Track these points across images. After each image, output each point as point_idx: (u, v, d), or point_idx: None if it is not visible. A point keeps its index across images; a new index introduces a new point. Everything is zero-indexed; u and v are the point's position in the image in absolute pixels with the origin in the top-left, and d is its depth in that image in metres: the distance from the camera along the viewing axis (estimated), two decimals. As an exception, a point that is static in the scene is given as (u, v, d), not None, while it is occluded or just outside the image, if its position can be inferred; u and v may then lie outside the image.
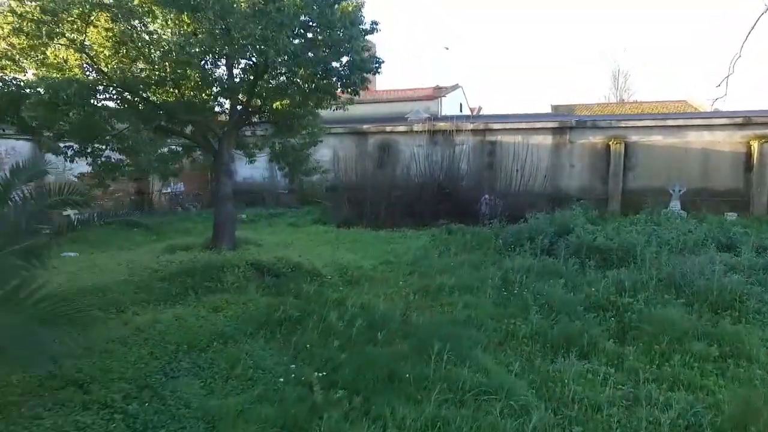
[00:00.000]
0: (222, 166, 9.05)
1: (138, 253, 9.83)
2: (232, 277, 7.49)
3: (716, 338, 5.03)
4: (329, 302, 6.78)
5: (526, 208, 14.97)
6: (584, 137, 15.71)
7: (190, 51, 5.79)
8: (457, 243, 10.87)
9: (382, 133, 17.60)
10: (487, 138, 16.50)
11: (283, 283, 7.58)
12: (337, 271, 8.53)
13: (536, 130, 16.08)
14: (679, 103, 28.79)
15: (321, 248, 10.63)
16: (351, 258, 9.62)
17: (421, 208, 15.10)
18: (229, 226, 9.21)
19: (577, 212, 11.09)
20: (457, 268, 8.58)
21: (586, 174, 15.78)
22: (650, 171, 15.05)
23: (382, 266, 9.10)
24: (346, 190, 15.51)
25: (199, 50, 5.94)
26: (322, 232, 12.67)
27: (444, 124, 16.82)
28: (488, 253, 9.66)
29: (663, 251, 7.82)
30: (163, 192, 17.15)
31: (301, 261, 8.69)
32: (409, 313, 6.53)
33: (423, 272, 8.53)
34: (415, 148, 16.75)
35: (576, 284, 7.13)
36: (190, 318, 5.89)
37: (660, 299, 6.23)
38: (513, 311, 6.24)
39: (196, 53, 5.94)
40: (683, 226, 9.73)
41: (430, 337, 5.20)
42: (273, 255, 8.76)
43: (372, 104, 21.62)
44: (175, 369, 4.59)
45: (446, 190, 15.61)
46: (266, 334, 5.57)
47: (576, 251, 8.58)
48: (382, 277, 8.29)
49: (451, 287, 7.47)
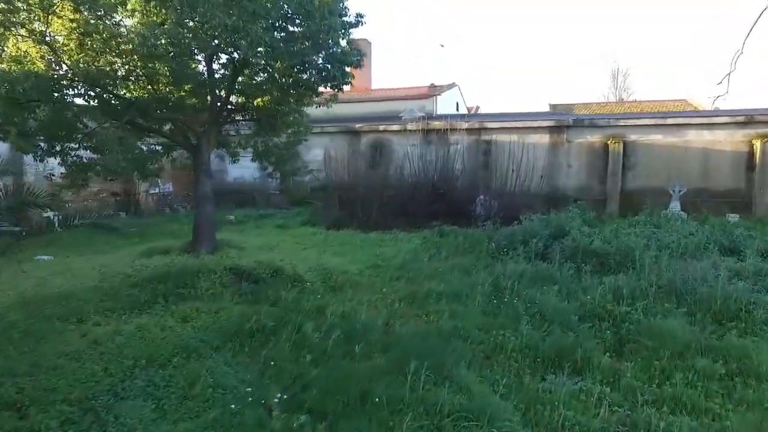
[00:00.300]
0: (201, 166, 8.64)
1: (115, 257, 9.42)
2: (207, 284, 7.07)
3: (722, 353, 4.62)
4: (307, 311, 6.38)
5: (522, 208, 14.56)
6: (582, 136, 15.30)
7: (155, 43, 5.38)
8: (449, 246, 10.46)
9: (375, 132, 17.19)
10: (482, 137, 16.08)
11: (262, 289, 7.17)
12: (320, 276, 8.12)
13: (533, 129, 15.67)
14: (679, 103, 28.38)
15: (307, 251, 10.22)
16: (337, 262, 9.21)
17: (415, 209, 14.70)
18: (208, 229, 8.80)
19: (573, 214, 10.68)
20: (447, 273, 8.18)
21: (584, 174, 15.38)
22: (649, 171, 14.64)
23: (369, 271, 8.68)
24: (337, 191, 15.10)
25: (165, 42, 5.53)
26: (310, 234, 12.26)
27: (438, 123, 16.41)
28: (480, 257, 9.25)
29: (663, 255, 7.41)
30: (150, 192, 16.73)
31: (282, 265, 8.28)
32: (392, 322, 6.12)
33: (411, 277, 8.12)
34: (409, 148, 16.34)
35: (571, 291, 6.72)
36: (155, 329, 5.48)
37: (660, 308, 5.82)
38: (503, 321, 5.82)
39: (162, 45, 5.53)
40: (684, 229, 9.32)
41: (411, 351, 4.80)
42: (254, 259, 8.35)
43: (366, 103, 21.22)
44: (127, 388, 4.18)
45: (440, 190, 15.21)
46: (235, 347, 5.16)
47: (572, 255, 8.17)
48: (368, 283, 7.88)
49: (438, 294, 7.07)
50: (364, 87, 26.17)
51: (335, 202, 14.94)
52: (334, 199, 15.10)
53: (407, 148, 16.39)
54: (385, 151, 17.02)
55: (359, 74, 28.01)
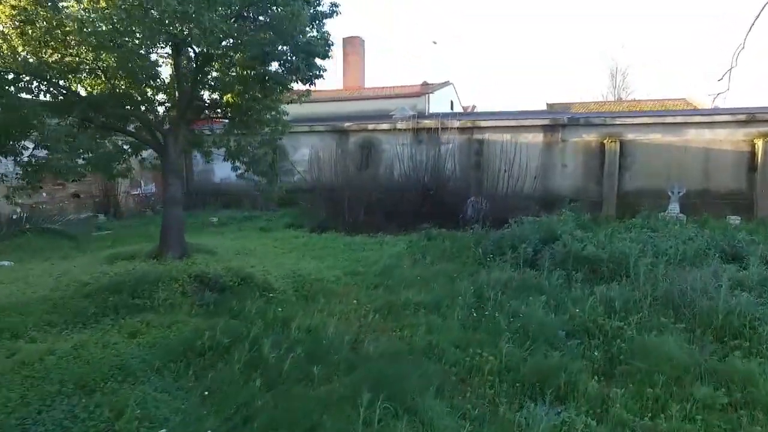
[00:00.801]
0: (168, 166, 8.09)
1: (81, 262, 8.86)
2: (166, 293, 6.53)
3: (724, 379, 4.08)
4: (271, 324, 5.85)
5: (515, 210, 14.02)
6: (577, 135, 14.76)
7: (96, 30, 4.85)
8: (435, 250, 9.92)
9: (364, 132, 16.64)
10: (474, 136, 15.54)
11: (225, 299, 6.64)
12: (292, 284, 7.59)
13: (526, 127, 15.12)
14: (678, 102, 27.83)
15: (285, 256, 9.68)
16: (314, 268, 8.67)
17: (404, 211, 14.15)
18: (177, 233, 8.26)
19: (566, 217, 10.14)
20: (430, 281, 7.64)
21: (580, 174, 14.83)
22: (647, 171, 14.10)
23: (347, 277, 8.14)
24: (324, 192, 14.56)
25: (107, 29, 5.00)
26: (292, 237, 11.72)
27: (429, 121, 15.86)
28: (467, 263, 8.71)
29: (660, 263, 6.87)
30: (132, 193, 16.18)
31: (253, 272, 7.75)
32: (362, 337, 5.59)
33: (390, 285, 7.59)
34: (399, 147, 15.80)
35: (559, 302, 6.19)
36: (95, 347, 4.94)
37: (655, 323, 5.28)
38: (482, 337, 5.28)
39: (103, 33, 5.00)
40: (683, 233, 8.78)
41: (375, 375, 4.27)
42: (224, 265, 7.82)
43: (357, 102, 20.68)
44: (41, 421, 3.64)
45: (430, 191, 14.68)
46: (179, 368, 4.61)
47: (562, 262, 7.64)
48: (343, 291, 7.34)
49: (417, 304, 6.53)
50: (357, 86, 25.66)
51: (321, 203, 14.41)
52: (321, 201, 14.57)
53: (397, 147, 15.86)
54: (374, 151, 16.48)
55: (353, 73, 27.61)
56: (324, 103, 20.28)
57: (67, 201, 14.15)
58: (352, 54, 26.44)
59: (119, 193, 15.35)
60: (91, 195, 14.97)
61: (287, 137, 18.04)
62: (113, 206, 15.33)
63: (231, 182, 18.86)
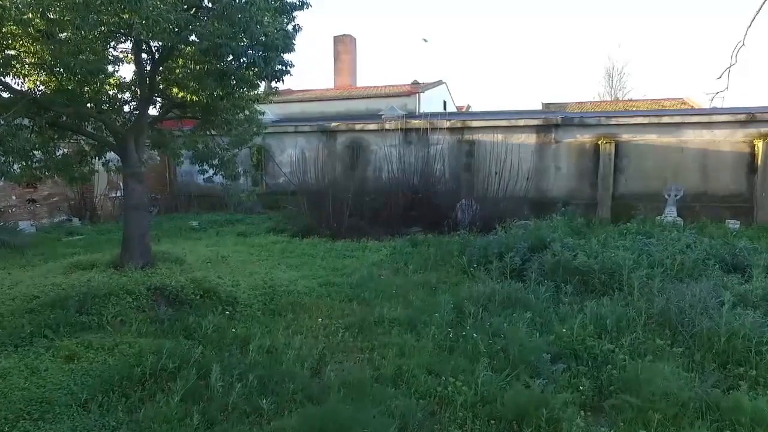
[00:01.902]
0: (129, 169, 7.53)
1: (40, 272, 8.28)
2: (117, 309, 5.98)
3: (728, 417, 3.55)
4: (228, 344, 5.31)
5: (507, 214, 13.54)
6: (571, 136, 14.24)
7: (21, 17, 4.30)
8: (418, 258, 9.39)
9: (352, 132, 16.09)
10: (465, 137, 15.00)
11: (183, 315, 6.08)
12: (261, 297, 7.03)
13: (518, 128, 14.60)
14: (676, 102, 27.40)
15: (259, 264, 9.13)
16: (288, 277, 8.12)
17: (391, 215, 13.63)
18: (139, 241, 7.69)
19: (557, 222, 9.61)
20: (409, 293, 7.11)
21: (574, 176, 14.32)
22: (643, 173, 13.59)
23: (321, 289, 7.59)
24: (307, 195, 13.99)
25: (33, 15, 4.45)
26: (270, 243, 11.16)
27: (418, 121, 15.33)
28: (450, 273, 8.18)
29: (655, 275, 6.33)
30: (111, 196, 15.59)
31: (220, 283, 7.20)
32: (327, 359, 5.05)
33: (366, 298, 7.04)
34: (387, 149, 15.27)
35: (546, 320, 5.66)
36: (19, 375, 4.39)
37: (651, 345, 4.75)
38: (458, 361, 4.74)
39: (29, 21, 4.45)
40: (680, 241, 8.24)
41: (331, 414, 3.73)
42: (189, 276, 7.27)
43: (346, 101, 20.13)
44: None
45: (419, 194, 14.15)
46: (110, 400, 4.06)
47: (551, 272, 7.11)
48: (315, 305, 6.79)
49: (392, 321, 5.99)
50: (348, 85, 25.12)
51: (305, 207, 13.85)
52: (304, 204, 14.01)
53: (385, 148, 15.33)
54: (362, 152, 15.94)
55: (344, 72, 27.06)
56: (311, 102, 19.76)
57: (39, 204, 13.56)
58: (344, 53, 25.90)
59: (96, 196, 14.75)
60: (66, 198, 14.38)
61: (272, 138, 17.55)
62: (89, 210, 14.74)
63: (215, 184, 18.32)
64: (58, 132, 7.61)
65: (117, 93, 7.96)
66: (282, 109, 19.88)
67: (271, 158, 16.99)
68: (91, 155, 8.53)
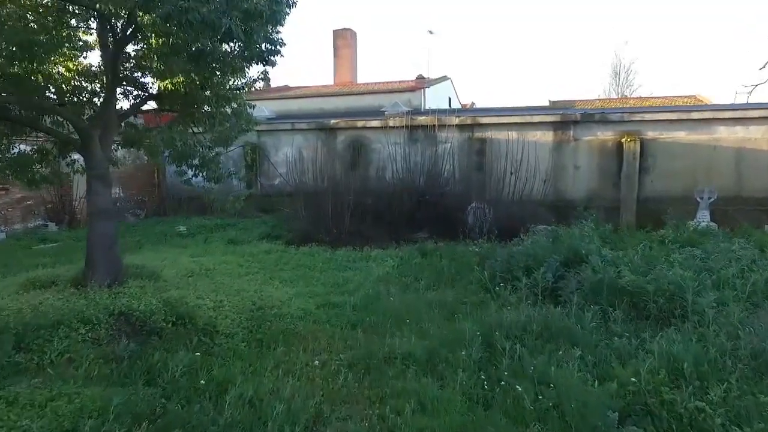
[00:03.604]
0: (92, 170, 6.40)
1: (-5, 288, 7.16)
2: (66, 343, 4.82)
3: None
4: (200, 392, 4.18)
5: (523, 219, 12.44)
6: (591, 133, 13.10)
7: None
8: (430, 271, 8.25)
9: (353, 129, 14.94)
10: (475, 134, 13.86)
11: (149, 350, 4.94)
12: (247, 323, 5.89)
13: (534, 125, 13.46)
14: (688, 99, 26.27)
15: (248, 279, 7.98)
16: (281, 296, 6.99)
17: (396, 220, 12.51)
18: (104, 254, 6.55)
19: (588, 230, 8.47)
20: (422, 317, 5.98)
21: (594, 177, 13.18)
22: (671, 174, 12.46)
23: (319, 311, 6.45)
24: (305, 198, 12.87)
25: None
26: (263, 252, 10.01)
27: (424, 118, 14.18)
28: (469, 290, 7.04)
29: (727, 299, 5.20)
30: (92, 199, 14.41)
31: (199, 305, 6.06)
32: (325, 415, 3.92)
33: (373, 323, 5.91)
34: (391, 147, 14.14)
35: (599, 359, 4.52)
36: None
37: (752, 402, 3.61)
38: (497, 421, 3.61)
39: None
40: (733, 252, 7.11)
41: None
42: (163, 296, 6.12)
43: (346, 97, 18.98)
44: None
45: (426, 196, 13.03)
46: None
47: (592, 292, 5.97)
48: (311, 334, 5.65)
49: (405, 358, 4.85)
50: (349, 81, 23.98)
51: (302, 211, 12.72)
52: (302, 208, 12.88)
53: (389, 147, 14.20)
54: (363, 151, 14.79)
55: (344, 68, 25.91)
56: (310, 99, 18.62)
57: (11, 208, 12.41)
58: (344, 48, 24.77)
59: (75, 199, 13.59)
60: (43, 201, 13.22)
61: (268, 136, 16.40)
62: (68, 214, 13.58)
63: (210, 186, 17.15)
64: (9, 127, 6.48)
65: (81, 82, 6.82)
66: (278, 106, 18.75)
67: (266, 158, 15.85)
68: (53, 154, 7.39)
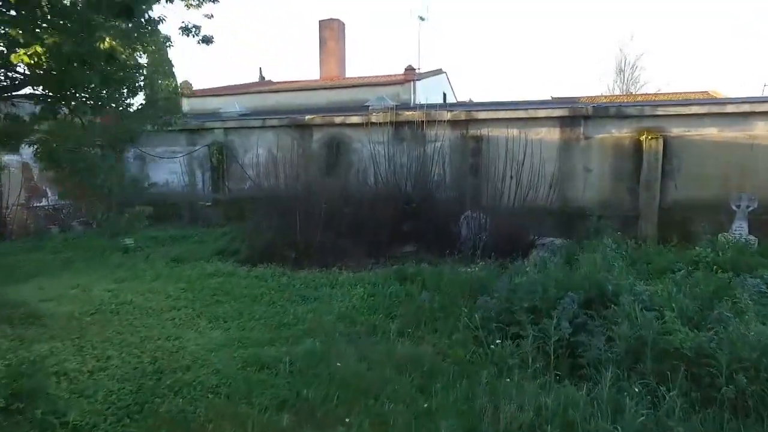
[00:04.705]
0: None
1: None
2: None
3: None
4: None
5: (526, 229, 10.61)
6: (605, 130, 11.24)
7: None
8: (408, 306, 6.39)
9: (330, 126, 13.07)
10: (470, 131, 12.00)
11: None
12: (126, 401, 4.04)
13: (537, 120, 11.59)
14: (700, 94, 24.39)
15: (168, 318, 6.12)
16: (199, 348, 5.13)
17: (377, 232, 10.66)
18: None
19: (609, 252, 6.63)
20: (387, 387, 4.13)
21: (608, 182, 11.32)
22: (700, 177, 10.60)
23: (242, 375, 4.58)
24: (269, 205, 11.03)
25: None
26: (206, 275, 8.14)
27: (412, 113, 12.32)
28: (455, 340, 5.18)
29: None
30: (31, 206, 12.59)
31: (65, 371, 4.25)
32: None
33: (312, 401, 4.05)
34: (374, 147, 12.32)
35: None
36: None
37: None
38: None
39: None
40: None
41: None
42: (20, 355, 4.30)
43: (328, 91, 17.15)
44: None
45: (412, 204, 11.20)
46: None
47: (630, 355, 4.12)
48: (216, 422, 3.80)
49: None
50: (336, 76, 22.14)
51: (266, 221, 10.88)
52: (267, 217, 11.04)
53: (371, 147, 12.38)
54: (343, 151, 12.94)
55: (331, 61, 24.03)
56: (288, 93, 16.78)
57: None
58: (330, 39, 22.92)
59: (6, 206, 11.74)
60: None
61: (236, 134, 14.48)
62: (-2, 223, 11.74)
63: (170, 190, 15.32)
64: None
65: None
66: (254, 101, 16.92)
67: (234, 158, 13.99)
68: None
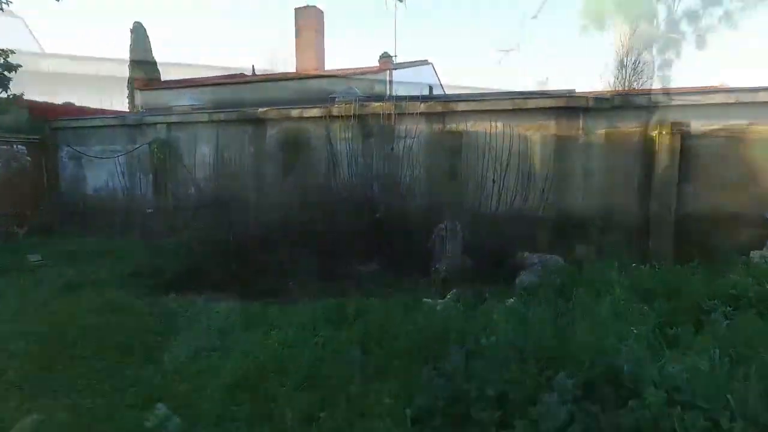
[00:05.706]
0: None
1: None
2: None
3: None
4: None
5: (512, 243, 8.80)
6: (609, 123, 9.32)
7: None
8: (331, 368, 4.49)
9: (287, 120, 11.16)
10: (447, 126, 10.09)
11: None
12: None
13: (527, 112, 9.66)
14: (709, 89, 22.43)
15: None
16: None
17: (334, 247, 8.85)
18: None
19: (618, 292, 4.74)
20: None
21: (612, 186, 9.38)
22: (725, 182, 8.71)
23: None
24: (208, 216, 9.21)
25: None
26: (89, 310, 6.18)
27: (380, 104, 10.42)
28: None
29: None
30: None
31: None
32: None
33: None
34: (337, 144, 10.51)
35: None
36: None
37: None
38: None
39: None
40: None
41: None
42: None
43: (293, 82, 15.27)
44: None
45: (377, 215, 9.39)
46: None
47: None
48: None
49: None
50: (314, 68, 20.25)
51: (200, 234, 9.05)
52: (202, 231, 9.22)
53: (335, 144, 10.55)
54: (302, 149, 11.04)
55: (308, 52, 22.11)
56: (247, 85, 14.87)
57: None
58: (306, 29, 21.06)
59: None
60: None
61: (181, 130, 12.40)
62: None
63: (108, 195, 13.39)
64: None
65: None
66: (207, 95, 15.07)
67: (179, 158, 12.08)
68: None
